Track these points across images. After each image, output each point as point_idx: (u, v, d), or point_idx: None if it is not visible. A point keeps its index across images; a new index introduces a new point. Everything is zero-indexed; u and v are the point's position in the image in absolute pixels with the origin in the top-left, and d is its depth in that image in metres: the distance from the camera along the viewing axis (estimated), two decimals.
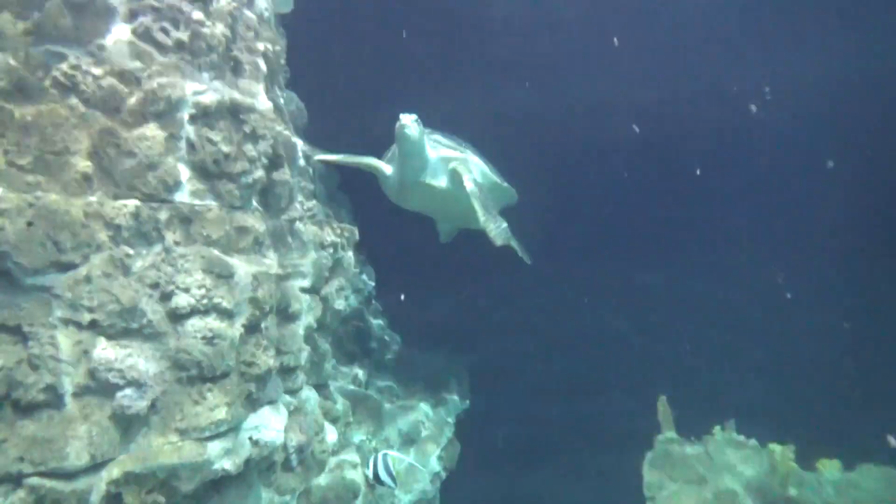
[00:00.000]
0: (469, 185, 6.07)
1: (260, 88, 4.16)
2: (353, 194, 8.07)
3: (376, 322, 8.20)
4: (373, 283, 8.07)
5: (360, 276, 7.79)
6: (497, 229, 6.06)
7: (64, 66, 3.34)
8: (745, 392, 8.34)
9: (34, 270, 3.06)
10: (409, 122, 5.86)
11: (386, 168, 6.62)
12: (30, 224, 3.04)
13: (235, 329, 3.83)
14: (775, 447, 6.05)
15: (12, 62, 3.20)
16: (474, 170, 6.52)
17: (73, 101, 3.38)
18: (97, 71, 3.40)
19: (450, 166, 6.26)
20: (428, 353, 8.96)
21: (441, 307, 10.03)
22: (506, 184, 7.09)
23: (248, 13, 4.16)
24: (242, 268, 3.91)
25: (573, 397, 9.27)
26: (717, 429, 6.51)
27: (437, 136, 6.45)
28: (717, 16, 7.44)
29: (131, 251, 3.41)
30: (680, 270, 9.14)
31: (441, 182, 6.28)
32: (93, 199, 3.33)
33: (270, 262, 4.33)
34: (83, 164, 3.32)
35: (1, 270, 3.00)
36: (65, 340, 3.11)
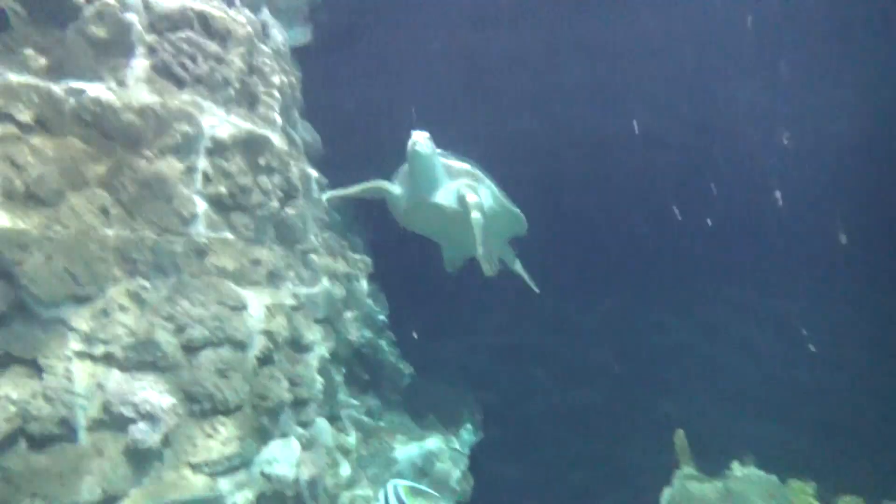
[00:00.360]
0: (475, 214, 5.92)
1: (276, 121, 4.21)
2: (367, 224, 8.10)
3: (389, 352, 8.16)
4: (386, 313, 8.05)
5: (374, 307, 7.78)
6: (490, 267, 6.08)
7: (85, 101, 3.39)
8: (761, 426, 8.19)
9: (51, 303, 3.08)
10: (421, 140, 5.66)
11: (394, 188, 6.40)
12: (48, 257, 3.07)
13: (248, 361, 3.82)
14: (796, 483, 5.91)
15: (35, 98, 3.25)
16: (485, 194, 6.33)
17: (93, 134, 3.43)
18: (117, 105, 3.45)
19: (458, 191, 6.10)
20: (441, 385, 8.89)
21: (455, 338, 9.96)
22: (517, 210, 7.00)
23: (264, 48, 4.22)
24: (256, 300, 3.92)
25: (588, 431, 9.12)
26: (735, 464, 6.37)
27: (450, 157, 6.29)
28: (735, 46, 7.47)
29: (147, 284, 3.42)
30: (695, 306, 9.04)
31: (452, 203, 6.01)
32: (110, 232, 3.36)
33: (284, 293, 4.34)
34: (101, 198, 3.35)
35: (19, 303, 3.01)
36: (80, 373, 3.11)
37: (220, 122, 3.78)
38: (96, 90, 3.45)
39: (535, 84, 8.00)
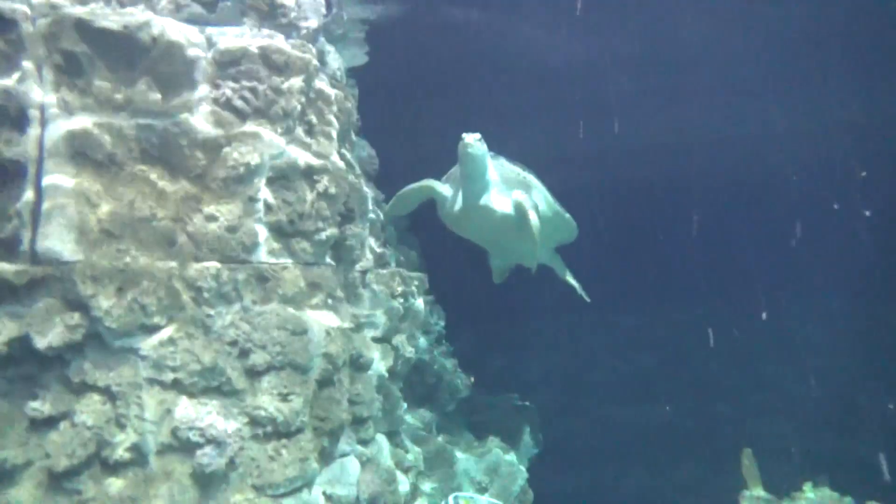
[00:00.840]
0: (533, 217, 5.77)
1: (332, 148, 4.29)
2: (422, 235, 8.17)
3: (447, 363, 8.19)
4: (442, 323, 8.09)
5: (430, 318, 7.82)
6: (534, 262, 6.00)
7: (152, 138, 3.54)
8: (836, 443, 7.84)
9: (123, 333, 3.23)
10: (472, 141, 5.49)
11: (444, 189, 6.12)
12: (119, 290, 3.21)
13: (309, 384, 3.91)
14: None
15: (106, 136, 3.42)
16: (538, 197, 6.19)
17: (160, 169, 3.58)
18: (182, 141, 3.59)
19: (513, 197, 5.87)
20: (498, 396, 8.87)
21: (510, 349, 9.93)
22: (568, 215, 6.73)
23: (321, 76, 4.31)
24: (316, 324, 4.00)
25: (647, 448, 8.94)
26: (807, 485, 6.12)
27: (502, 160, 6.07)
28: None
29: (212, 311, 3.54)
30: (760, 318, 8.75)
31: (502, 207, 5.82)
32: (176, 263, 3.49)
33: (343, 315, 4.41)
34: (168, 230, 3.49)
35: (93, 333, 3.17)
36: (150, 400, 3.24)
37: (280, 153, 3.88)
38: (163, 125, 3.59)
39: (593, 94, 7.91)
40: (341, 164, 4.35)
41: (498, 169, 5.89)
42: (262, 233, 3.85)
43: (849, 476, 6.41)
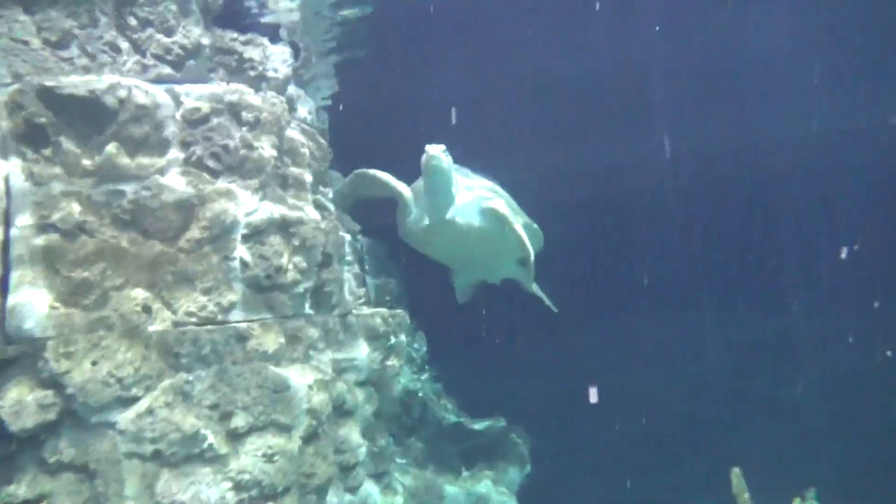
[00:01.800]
0: (518, 227, 5.49)
1: (307, 198, 4.26)
2: (401, 260, 8.13)
3: (431, 388, 8.15)
4: (425, 349, 8.05)
5: (413, 345, 7.78)
6: (530, 282, 5.79)
7: (123, 203, 3.48)
8: (825, 459, 7.90)
9: (99, 408, 3.16)
10: (437, 153, 5.19)
11: (411, 200, 5.74)
12: (94, 364, 3.15)
13: (294, 442, 3.85)
14: None
15: (76, 204, 3.35)
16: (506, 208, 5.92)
17: (133, 233, 3.52)
18: (154, 204, 3.54)
19: (485, 204, 5.59)
20: (485, 420, 8.84)
21: (495, 370, 9.90)
22: (535, 225, 6.54)
23: (292, 126, 4.28)
24: (298, 379, 3.95)
25: (636, 466, 8.94)
26: (797, 501, 6.15)
27: (467, 171, 5.78)
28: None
29: (190, 376, 3.48)
30: (749, 332, 8.83)
31: (471, 220, 5.55)
32: (152, 329, 3.43)
33: (325, 366, 4.37)
34: (143, 296, 3.43)
35: (68, 411, 3.09)
36: (129, 475, 3.18)
37: (253, 208, 3.84)
38: (133, 190, 3.53)
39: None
40: (317, 214, 4.31)
41: (463, 181, 5.64)
42: (240, 290, 3.80)
43: (838, 492, 6.48)
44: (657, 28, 6.78)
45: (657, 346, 9.26)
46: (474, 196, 5.62)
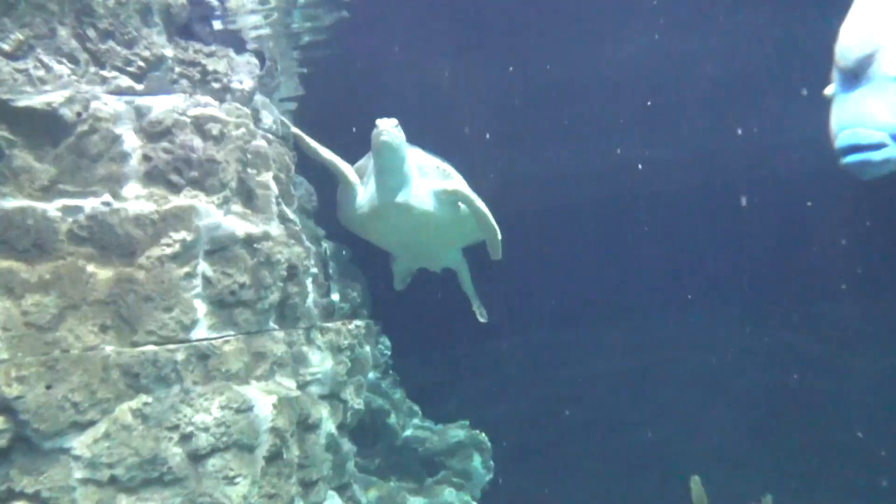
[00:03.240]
0: (482, 205, 5.06)
1: (272, 212, 4.19)
2: (364, 266, 8.08)
3: (395, 394, 8.12)
4: (389, 353, 8.02)
5: (378, 347, 7.74)
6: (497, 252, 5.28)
7: (80, 218, 3.38)
8: (783, 463, 8.12)
9: (53, 434, 3.06)
10: (388, 129, 4.73)
11: (356, 182, 5.26)
12: (48, 387, 3.05)
13: (257, 463, 3.79)
14: None
15: (30, 221, 3.24)
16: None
17: (90, 251, 3.41)
18: (113, 220, 3.44)
19: (443, 186, 5.10)
20: (449, 425, 8.85)
21: (460, 374, 9.92)
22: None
23: (257, 138, 4.20)
24: (261, 398, 3.89)
25: (599, 476, 9.06)
26: None
27: (419, 151, 5.30)
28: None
29: (149, 398, 3.40)
30: (704, 333, 9.01)
31: (422, 204, 5.07)
32: (111, 349, 3.33)
33: (289, 382, 4.31)
34: (101, 316, 3.34)
35: (20, 437, 2.99)
36: (85, 502, 3.08)
37: (217, 224, 3.76)
38: (91, 205, 3.43)
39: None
40: (281, 228, 4.25)
41: (414, 160, 5.15)
42: (202, 308, 3.72)
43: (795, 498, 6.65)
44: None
45: (619, 354, 9.39)
46: (428, 177, 5.12)
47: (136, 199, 3.56)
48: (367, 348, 5.97)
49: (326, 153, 5.38)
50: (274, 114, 4.99)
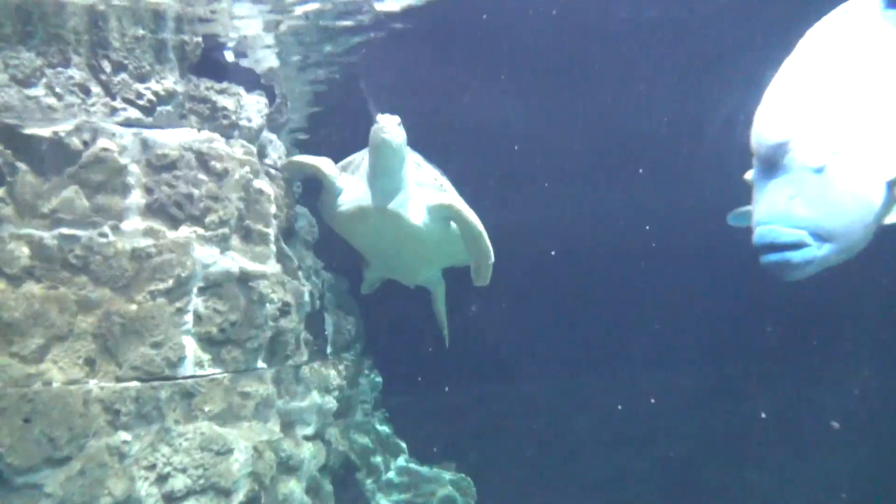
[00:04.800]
0: (478, 224, 4.62)
1: (270, 250, 4.17)
2: (361, 299, 8.03)
3: (382, 430, 8.01)
4: (379, 389, 7.94)
5: (369, 378, 7.67)
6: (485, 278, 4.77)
7: (76, 249, 3.36)
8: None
9: (26, 469, 3.00)
10: (391, 126, 4.25)
11: (338, 178, 4.71)
12: (26, 421, 2.99)
13: None
14: None
15: (25, 249, 3.22)
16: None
17: (83, 280, 3.39)
18: (109, 251, 3.42)
19: (439, 200, 4.62)
20: (433, 466, 8.72)
21: (449, 412, 9.81)
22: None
23: (260, 176, 4.19)
24: (243, 440, 3.83)
25: None
26: None
27: (419, 158, 4.81)
28: None
29: (129, 436, 3.34)
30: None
31: (415, 217, 4.55)
32: (93, 383, 3.29)
33: (273, 423, 4.25)
34: (87, 349, 3.30)
35: None
36: None
37: (213, 261, 3.74)
38: (89, 236, 3.41)
39: None
40: (278, 266, 4.22)
41: (412, 167, 4.69)
42: (190, 345, 3.68)
43: None
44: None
45: (606, 394, 9.31)
46: (424, 188, 4.66)
47: (135, 232, 3.55)
48: (358, 389, 5.91)
49: (302, 159, 4.87)
50: (279, 150, 5.00)
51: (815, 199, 2.23)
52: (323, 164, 4.72)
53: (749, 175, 2.48)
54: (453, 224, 4.76)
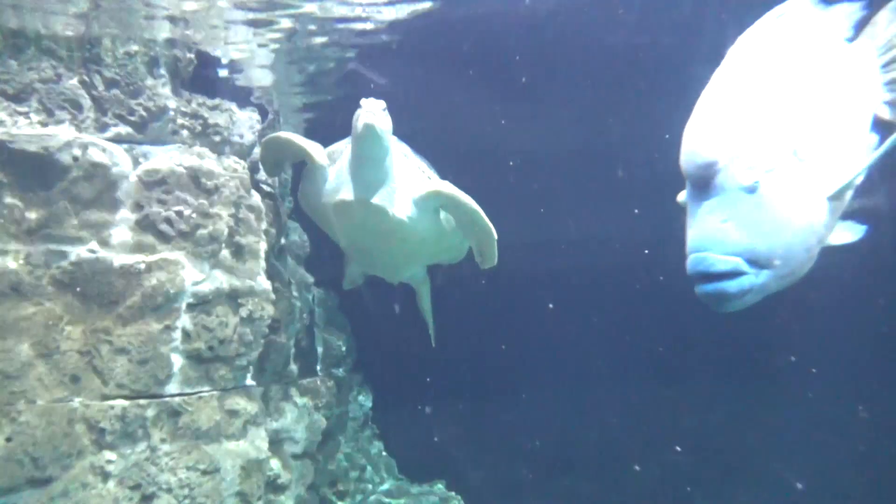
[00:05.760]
0: (472, 203, 4.24)
1: (260, 267, 4.14)
2: (351, 314, 7.98)
3: (372, 447, 7.95)
4: (369, 405, 7.87)
5: (359, 395, 7.61)
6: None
7: (64, 264, 3.33)
8: None
9: (7, 489, 2.95)
10: (375, 112, 3.83)
11: (328, 167, 4.30)
12: (8, 440, 2.95)
13: None
14: None
15: (11, 265, 3.19)
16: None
17: (70, 297, 3.35)
18: (97, 267, 3.39)
19: (426, 189, 4.23)
20: (423, 486, 8.65)
21: (440, 429, 9.72)
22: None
23: (251, 194, 4.17)
24: (230, 459, 3.78)
25: None
26: None
27: (405, 149, 4.46)
28: None
29: (114, 456, 3.30)
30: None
31: (400, 212, 4.18)
32: (78, 401, 3.24)
33: (261, 441, 4.20)
34: (73, 366, 3.26)
35: None
36: None
37: (203, 278, 3.72)
38: (77, 252, 3.38)
39: None
40: (268, 283, 4.19)
41: (398, 157, 4.31)
42: (178, 362, 3.64)
43: None
44: None
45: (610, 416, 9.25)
46: (409, 180, 4.30)
47: (124, 248, 3.52)
48: (346, 405, 5.86)
49: (293, 137, 4.37)
50: None
51: (749, 222, 2.02)
52: (313, 148, 4.28)
53: (681, 197, 2.27)
54: (442, 217, 4.45)
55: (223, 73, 4.52)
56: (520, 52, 5.92)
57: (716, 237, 2.03)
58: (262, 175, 4.74)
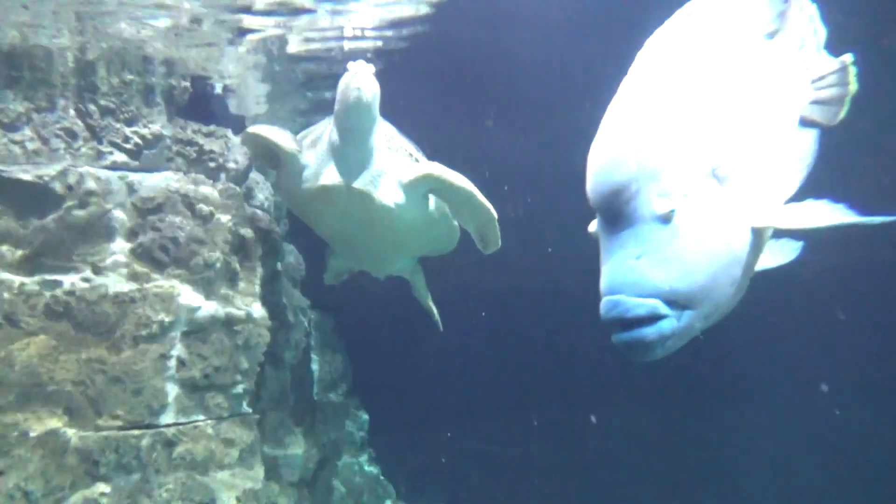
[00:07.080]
0: (467, 184, 3.86)
1: (256, 294, 4.12)
2: (347, 336, 7.94)
3: (370, 471, 7.88)
4: (366, 428, 7.81)
5: (356, 417, 7.56)
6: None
7: (58, 293, 3.30)
8: None
9: None
10: (365, 74, 3.45)
11: (302, 154, 3.87)
12: (0, 474, 2.90)
13: None
14: None
15: (4, 293, 3.16)
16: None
17: (64, 326, 3.32)
18: (91, 297, 3.36)
19: (415, 173, 3.82)
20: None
21: (436, 450, 9.64)
22: (455, 221, 4.46)
23: (245, 222, 4.16)
24: (225, 490, 3.73)
25: None
26: None
27: (391, 131, 4.01)
28: None
29: (107, 488, 3.25)
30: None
31: (386, 198, 3.80)
32: (72, 433, 3.20)
33: (258, 470, 4.14)
34: (66, 397, 3.21)
35: None
36: None
37: (197, 305, 3.69)
38: (71, 281, 3.36)
39: None
40: (264, 310, 4.17)
41: (384, 137, 3.92)
42: (173, 391, 3.60)
43: None
44: None
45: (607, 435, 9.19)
46: (397, 164, 3.89)
47: (118, 277, 3.50)
48: (343, 429, 5.81)
49: (257, 132, 3.96)
50: (266, 191, 4.99)
51: (666, 257, 1.72)
52: (281, 138, 3.90)
53: (593, 227, 1.92)
54: (432, 204, 4.11)
55: (218, 99, 4.53)
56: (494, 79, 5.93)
57: (630, 277, 1.73)
58: (256, 201, 4.73)
